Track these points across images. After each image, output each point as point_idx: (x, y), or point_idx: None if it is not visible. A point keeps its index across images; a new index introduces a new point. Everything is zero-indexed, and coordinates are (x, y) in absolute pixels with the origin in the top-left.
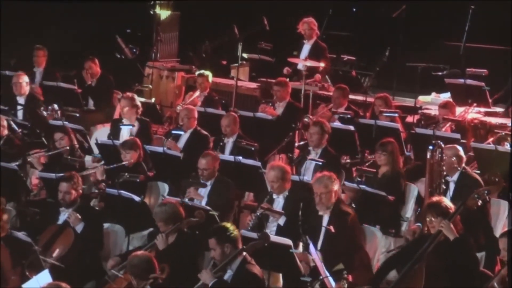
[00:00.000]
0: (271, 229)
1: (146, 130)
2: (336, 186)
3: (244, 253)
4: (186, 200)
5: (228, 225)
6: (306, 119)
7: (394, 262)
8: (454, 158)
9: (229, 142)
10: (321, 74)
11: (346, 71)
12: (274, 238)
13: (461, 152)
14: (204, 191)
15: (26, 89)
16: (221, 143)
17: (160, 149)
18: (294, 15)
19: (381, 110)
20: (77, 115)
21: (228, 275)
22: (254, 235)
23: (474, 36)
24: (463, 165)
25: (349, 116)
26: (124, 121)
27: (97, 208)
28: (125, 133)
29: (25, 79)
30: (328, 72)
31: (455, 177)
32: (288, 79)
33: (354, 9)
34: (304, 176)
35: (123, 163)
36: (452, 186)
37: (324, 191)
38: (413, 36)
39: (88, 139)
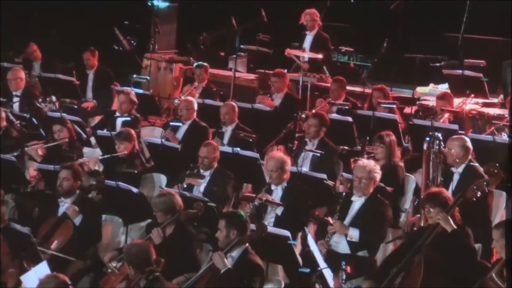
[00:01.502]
0: (269, 221)
1: (133, 126)
2: (378, 176)
3: (247, 244)
4: (185, 185)
5: (244, 214)
6: (303, 115)
7: (396, 258)
8: (459, 150)
9: (228, 131)
10: (323, 64)
11: (344, 62)
12: (272, 229)
13: (468, 143)
14: (202, 181)
15: (21, 84)
16: (219, 130)
17: (158, 141)
18: (292, 6)
19: (379, 101)
20: (75, 106)
21: (229, 263)
22: (251, 226)
23: (472, 27)
24: (470, 157)
25: (347, 107)
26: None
27: (95, 200)
28: (119, 124)
29: (20, 75)
30: (330, 63)
31: (461, 169)
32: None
33: (352, 0)
34: (302, 167)
35: (117, 154)
36: (456, 177)
37: (365, 176)
38: (411, 27)
39: (86, 130)
